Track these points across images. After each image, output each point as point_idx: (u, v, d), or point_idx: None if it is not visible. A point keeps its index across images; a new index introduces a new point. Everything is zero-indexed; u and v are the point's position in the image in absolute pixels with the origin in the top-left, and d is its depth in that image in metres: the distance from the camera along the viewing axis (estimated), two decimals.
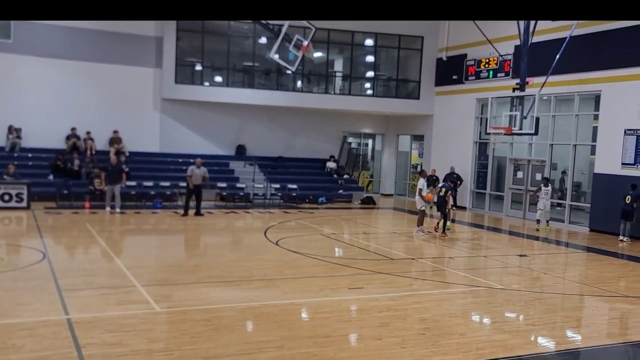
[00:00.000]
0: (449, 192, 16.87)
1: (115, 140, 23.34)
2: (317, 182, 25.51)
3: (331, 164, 26.78)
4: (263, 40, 24.31)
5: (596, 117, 19.38)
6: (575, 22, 18.22)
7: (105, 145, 23.31)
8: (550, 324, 8.82)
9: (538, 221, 19.04)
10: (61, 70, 22.74)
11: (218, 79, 25.21)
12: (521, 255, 14.38)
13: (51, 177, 21.06)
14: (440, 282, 11.17)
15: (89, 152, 22.59)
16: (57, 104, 22.66)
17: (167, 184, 22.11)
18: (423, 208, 16.55)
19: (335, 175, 26.37)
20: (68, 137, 22.62)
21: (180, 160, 24.39)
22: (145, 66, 23.93)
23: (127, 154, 23.12)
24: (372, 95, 26.75)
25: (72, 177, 21.17)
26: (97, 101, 23.26)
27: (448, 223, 17.00)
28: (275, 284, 10.36)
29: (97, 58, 23.05)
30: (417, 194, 16.72)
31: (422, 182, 16.77)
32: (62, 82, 22.80)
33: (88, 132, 22.94)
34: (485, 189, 23.80)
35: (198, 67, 24.94)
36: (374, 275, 11.26)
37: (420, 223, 16.46)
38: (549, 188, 18.92)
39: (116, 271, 10.85)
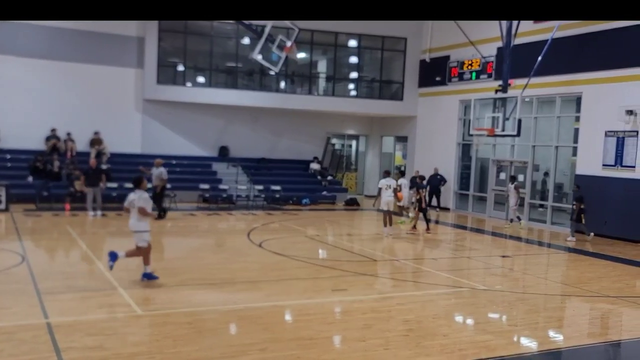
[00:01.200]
0: (425, 190, 17.94)
1: (96, 141, 23.10)
2: (300, 184, 25.47)
3: (315, 165, 26.74)
4: (246, 40, 24.23)
5: (577, 119, 19.56)
6: (556, 24, 18.39)
7: (86, 146, 23.06)
8: (532, 325, 8.87)
9: (518, 218, 19.92)
10: (41, 71, 22.46)
11: (201, 79, 25.07)
12: (504, 256, 14.46)
13: (30, 178, 20.78)
14: (424, 284, 11.18)
15: (69, 153, 22.34)
16: (36, 104, 22.38)
17: (149, 185, 21.87)
18: (390, 209, 16.50)
19: (319, 177, 26.34)
20: (48, 138, 22.35)
21: (163, 161, 24.20)
22: (127, 66, 23.72)
23: (109, 155, 22.91)
24: (356, 97, 26.79)
25: (52, 179, 20.90)
26: (77, 102, 23.01)
27: (404, 219, 17.63)
28: (259, 286, 10.30)
29: (77, 58, 22.81)
30: (390, 195, 16.41)
31: (393, 183, 16.87)
32: (42, 83, 22.53)
33: (68, 133, 22.68)
34: (468, 190, 23.92)
35: (180, 68, 24.79)
36: (357, 277, 11.24)
37: (390, 223, 16.55)
38: (512, 185, 19.68)
39: (97, 274, 10.72)
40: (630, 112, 17.23)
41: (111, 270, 10.10)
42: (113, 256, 10.09)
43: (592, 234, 17.28)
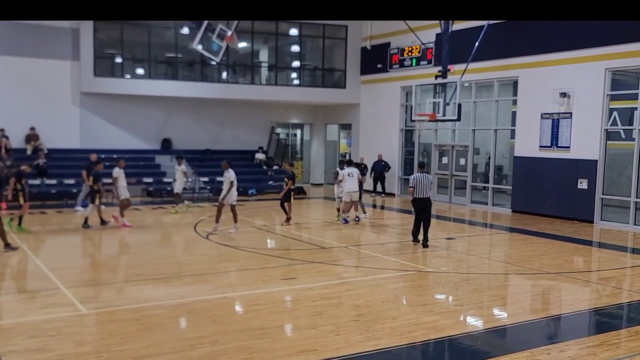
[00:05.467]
0: (291, 181, 16.36)
1: (32, 137, 22.30)
2: (246, 174, 25.23)
3: (260, 155, 26.60)
4: (185, 30, 23.79)
5: (515, 102, 20.11)
6: None
7: (22, 142, 22.23)
8: (477, 304, 9.11)
9: (338, 210, 17.27)
10: None
11: (140, 71, 24.47)
12: (448, 238, 14.77)
13: None
14: (372, 269, 11.30)
15: (3, 150, 21.46)
16: None
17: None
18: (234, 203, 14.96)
19: (264, 167, 26.23)
20: None
21: (103, 156, 23.52)
22: (62, 59, 22.91)
23: (46, 151, 22.14)
24: (299, 85, 26.73)
25: None
26: (10, 97, 22.08)
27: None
28: (207, 279, 10.20)
29: (8, 51, 21.86)
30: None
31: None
32: None
33: (2, 129, 21.77)
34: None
35: (118, 59, 24.11)
36: (306, 265, 11.28)
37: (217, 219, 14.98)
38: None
39: (38, 274, 10.36)
40: (564, 95, 17.85)
41: (347, 224, 15.90)
42: (345, 220, 15.98)
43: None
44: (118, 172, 15.85)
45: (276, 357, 6.58)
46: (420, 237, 13.41)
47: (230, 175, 14.74)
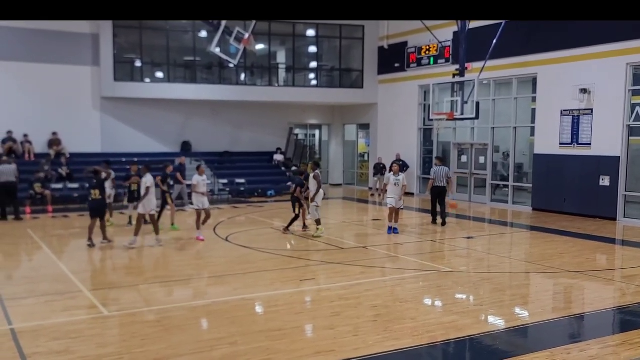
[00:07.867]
0: (299, 188, 15.25)
1: (54, 142, 22.64)
2: (265, 176, 25.40)
3: (278, 157, 26.69)
4: (203, 34, 24.00)
5: (534, 99, 19.93)
6: None
7: (44, 147, 22.59)
8: (498, 303, 9.05)
9: (318, 222, 14.75)
10: None
11: (159, 75, 24.73)
12: (468, 238, 14.68)
13: None
14: (391, 269, 11.30)
15: (27, 155, 21.83)
16: None
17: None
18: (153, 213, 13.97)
19: (283, 168, 26.31)
20: (4, 141, 21.78)
21: (124, 159, 23.83)
22: (82, 64, 23.25)
23: (68, 156, 22.47)
24: (317, 86, 26.79)
25: None
26: (33, 103, 22.46)
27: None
28: (226, 281, 10.27)
29: (30, 58, 22.24)
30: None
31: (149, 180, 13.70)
32: None
33: (25, 135, 22.16)
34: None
35: (137, 64, 24.38)
36: (325, 266, 11.30)
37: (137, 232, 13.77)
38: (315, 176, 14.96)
39: (61, 277, 10.52)
40: (584, 91, 17.65)
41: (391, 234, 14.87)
42: (395, 230, 14.83)
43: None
44: (197, 179, 14.19)
45: (295, 357, 6.61)
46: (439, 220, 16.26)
47: (147, 180, 13.51)
